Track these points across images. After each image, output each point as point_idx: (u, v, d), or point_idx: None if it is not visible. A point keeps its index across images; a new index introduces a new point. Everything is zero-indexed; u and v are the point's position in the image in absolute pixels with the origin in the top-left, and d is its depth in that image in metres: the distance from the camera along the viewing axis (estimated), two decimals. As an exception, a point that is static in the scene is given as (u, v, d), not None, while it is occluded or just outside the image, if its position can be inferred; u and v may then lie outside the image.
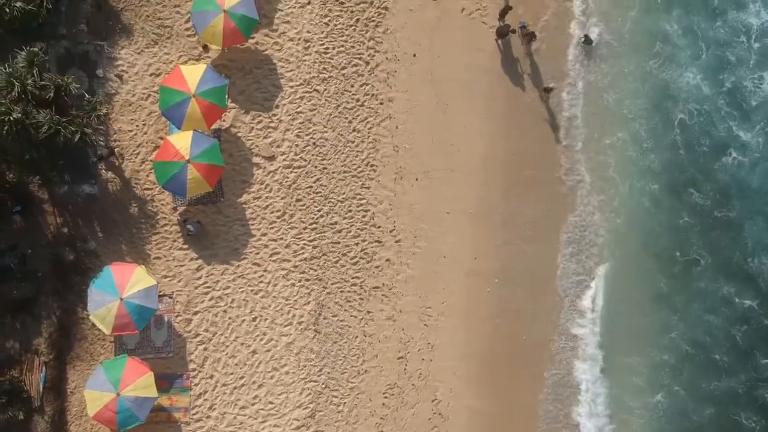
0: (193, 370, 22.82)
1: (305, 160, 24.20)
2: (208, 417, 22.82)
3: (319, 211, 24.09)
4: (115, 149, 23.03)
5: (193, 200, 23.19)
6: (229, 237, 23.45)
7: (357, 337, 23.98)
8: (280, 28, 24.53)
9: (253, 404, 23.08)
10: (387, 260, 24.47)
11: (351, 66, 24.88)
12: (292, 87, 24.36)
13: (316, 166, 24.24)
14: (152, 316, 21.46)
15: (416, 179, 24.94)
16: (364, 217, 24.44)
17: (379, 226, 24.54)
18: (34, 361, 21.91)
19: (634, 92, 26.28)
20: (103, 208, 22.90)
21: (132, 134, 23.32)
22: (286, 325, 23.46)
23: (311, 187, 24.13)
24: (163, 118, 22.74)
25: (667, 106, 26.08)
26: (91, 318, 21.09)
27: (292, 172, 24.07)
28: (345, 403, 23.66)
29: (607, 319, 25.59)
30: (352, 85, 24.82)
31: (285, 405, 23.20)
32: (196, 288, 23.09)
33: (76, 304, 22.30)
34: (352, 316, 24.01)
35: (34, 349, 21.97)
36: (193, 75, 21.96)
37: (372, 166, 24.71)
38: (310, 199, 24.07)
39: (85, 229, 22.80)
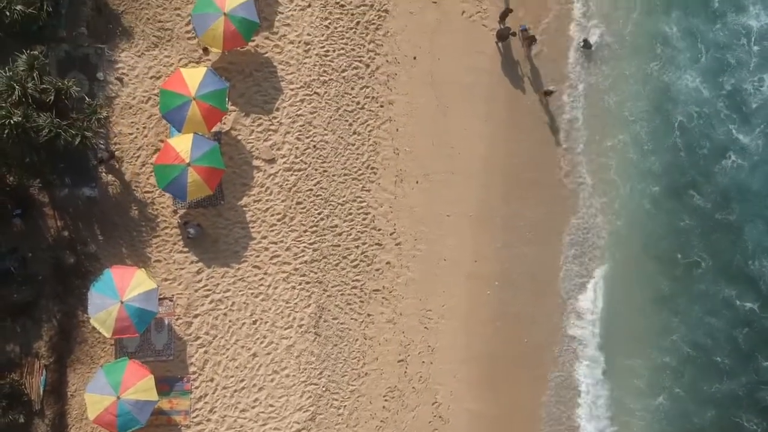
0: (194, 373, 22.82)
1: (305, 163, 24.19)
2: (209, 420, 22.80)
3: (320, 214, 24.09)
4: (115, 152, 23.03)
5: (194, 203, 23.16)
6: (230, 240, 23.45)
7: (357, 340, 23.96)
8: (280, 31, 24.53)
9: (253, 407, 23.07)
10: (387, 263, 24.45)
11: (351, 69, 24.88)
12: (292, 90, 24.35)
13: (316, 169, 24.24)
14: (152, 319, 21.46)
15: (417, 182, 24.93)
16: (365, 219, 24.43)
17: (379, 229, 24.53)
18: (35, 365, 21.89)
19: (634, 94, 26.27)
20: (104, 211, 22.89)
21: (132, 137, 23.31)
22: (286, 328, 23.45)
23: (312, 190, 24.13)
24: (164, 121, 22.73)
25: (668, 109, 26.06)
26: (92, 321, 21.06)
27: (292, 175, 24.06)
28: (345, 406, 23.64)
29: (608, 321, 25.57)
30: (353, 88, 24.82)
31: (285, 408, 23.18)
32: (196, 291, 23.08)
33: (77, 307, 22.29)
34: (352, 319, 24.00)
35: (35, 353, 21.95)
36: (194, 78, 21.94)
37: (372, 168, 24.70)
38: (311, 202, 24.07)
39: (86, 232, 22.78)
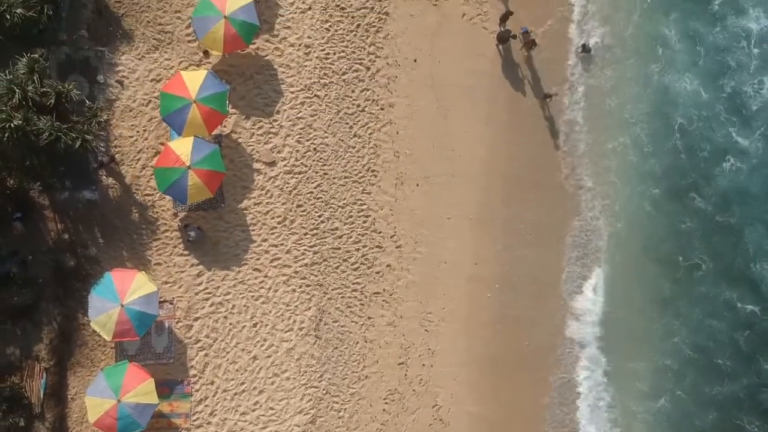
0: (194, 376, 22.80)
1: (306, 166, 24.19)
2: (209, 423, 22.78)
3: (320, 217, 24.08)
4: (115, 156, 23.02)
5: (194, 206, 23.15)
6: (230, 243, 23.44)
7: (358, 343, 23.94)
8: (281, 34, 24.55)
9: (253, 410, 23.04)
10: (388, 266, 24.43)
11: (352, 71, 24.88)
12: (292, 92, 24.36)
13: (317, 172, 24.24)
14: (153, 323, 21.45)
15: (417, 184, 24.92)
16: (365, 222, 24.42)
17: (379, 232, 24.52)
18: (35, 368, 21.89)
19: (635, 97, 26.27)
20: (104, 214, 22.90)
21: (133, 140, 23.33)
22: (286, 331, 23.44)
23: (312, 193, 24.12)
24: (164, 123, 22.75)
25: (668, 111, 26.07)
26: (92, 324, 21.10)
27: (292, 178, 24.06)
28: (346, 408, 23.61)
29: (609, 323, 25.56)
30: (353, 91, 24.82)
31: (286, 411, 23.16)
32: (196, 294, 23.08)
33: (77, 310, 22.31)
34: (352, 322, 23.98)
35: (35, 356, 21.95)
36: (194, 81, 21.97)
37: (373, 171, 24.70)
38: (311, 205, 24.06)
39: (86, 235, 22.79)
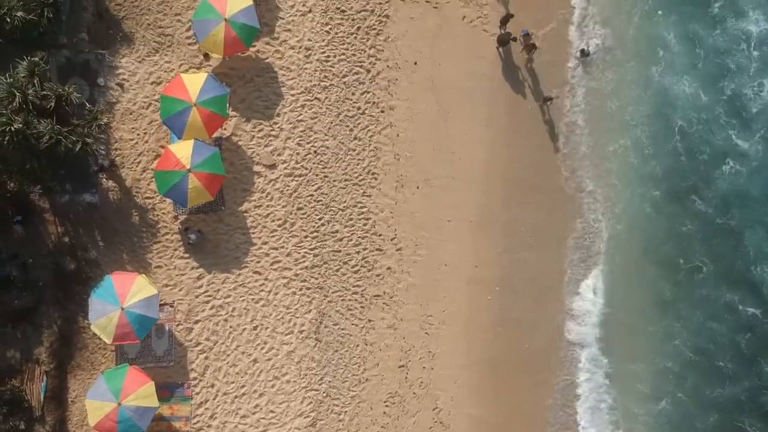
0: (194, 379, 22.79)
1: (306, 169, 24.18)
2: (209, 426, 22.76)
3: (320, 220, 24.07)
4: (115, 159, 23.02)
5: (194, 209, 23.16)
6: (230, 246, 23.43)
7: (358, 346, 23.92)
8: (281, 37, 24.56)
9: (254, 413, 23.02)
10: (388, 268, 24.42)
11: (352, 74, 24.88)
12: (293, 95, 24.37)
13: (317, 175, 24.23)
14: (153, 326, 21.45)
15: (417, 187, 24.91)
16: (365, 225, 24.41)
17: (380, 235, 24.50)
18: (35, 371, 21.88)
19: (635, 99, 26.25)
20: (104, 217, 22.89)
21: (133, 143, 23.33)
22: (287, 334, 23.42)
23: (312, 196, 24.12)
24: (164, 126, 22.75)
25: (668, 114, 26.04)
26: (92, 327, 21.09)
27: (293, 181, 24.05)
28: (346, 411, 23.59)
29: (610, 325, 25.50)
30: (353, 93, 24.82)
31: (286, 414, 23.14)
32: (197, 297, 23.06)
33: (77, 313, 22.30)
34: (353, 325, 23.96)
35: (35, 359, 21.94)
36: (194, 84, 21.97)
37: (373, 174, 24.69)
38: (311, 208, 24.05)
39: (86, 239, 22.79)
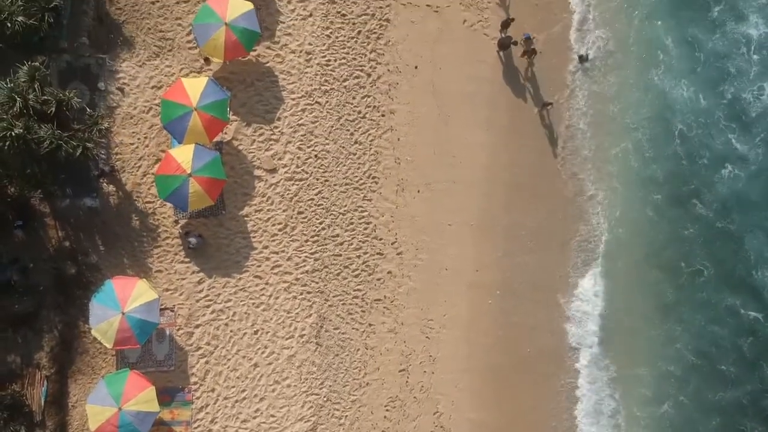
0: (195, 383, 22.77)
1: (307, 173, 24.18)
2: (210, 431, 22.71)
3: (321, 224, 24.06)
4: (115, 165, 23.01)
5: (195, 213, 23.14)
6: (231, 250, 23.42)
7: (359, 350, 23.90)
8: (281, 41, 24.57)
9: (254, 418, 23.00)
10: (389, 272, 24.40)
11: (353, 78, 24.89)
12: (293, 99, 24.37)
13: (317, 179, 24.23)
14: (154, 330, 21.44)
15: (418, 191, 24.90)
16: (366, 229, 24.39)
17: (380, 239, 24.49)
18: (36, 375, 21.86)
19: (636, 102, 26.26)
20: (105, 222, 22.89)
21: (133, 147, 23.33)
22: (287, 338, 23.40)
23: (313, 200, 24.11)
24: (165, 131, 22.73)
25: (668, 117, 26.06)
26: (93, 332, 21.05)
27: (293, 185, 24.05)
28: (347, 416, 23.56)
29: (612, 329, 25.50)
30: (354, 97, 24.83)
31: (287, 418, 23.11)
32: (197, 301, 23.05)
33: (78, 317, 22.27)
34: (353, 329, 23.94)
35: (36, 363, 21.92)
36: (195, 88, 21.96)
37: (374, 178, 24.68)
38: (312, 212, 24.05)
39: (87, 243, 22.77)
